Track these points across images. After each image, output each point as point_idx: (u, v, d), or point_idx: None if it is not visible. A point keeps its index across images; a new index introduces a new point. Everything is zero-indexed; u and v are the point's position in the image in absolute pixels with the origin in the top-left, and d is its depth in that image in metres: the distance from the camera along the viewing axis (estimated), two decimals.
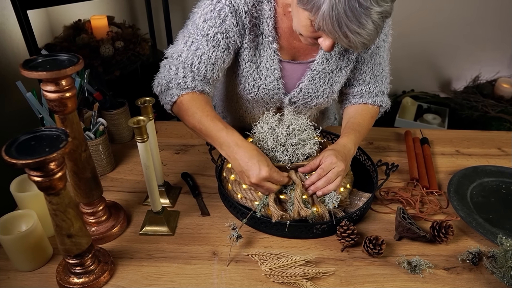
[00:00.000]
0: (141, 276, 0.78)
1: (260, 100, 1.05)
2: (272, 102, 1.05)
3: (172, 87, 0.95)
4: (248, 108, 1.12)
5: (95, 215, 0.86)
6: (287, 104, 1.06)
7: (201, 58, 0.93)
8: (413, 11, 2.36)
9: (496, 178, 1.05)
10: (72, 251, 0.71)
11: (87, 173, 0.80)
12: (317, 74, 1.01)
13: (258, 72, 0.99)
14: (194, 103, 0.92)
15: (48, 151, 0.59)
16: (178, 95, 0.94)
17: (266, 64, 0.98)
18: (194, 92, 0.94)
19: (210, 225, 0.90)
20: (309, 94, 1.03)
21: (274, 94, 1.03)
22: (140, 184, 1.03)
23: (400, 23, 2.36)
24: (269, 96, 1.03)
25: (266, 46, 0.96)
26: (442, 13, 2.35)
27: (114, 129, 1.16)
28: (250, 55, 0.97)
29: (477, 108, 2.23)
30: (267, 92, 1.02)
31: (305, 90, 1.03)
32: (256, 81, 1.00)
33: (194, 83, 0.93)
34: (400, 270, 0.80)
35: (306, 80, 1.01)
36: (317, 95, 1.04)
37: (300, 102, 1.05)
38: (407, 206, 0.96)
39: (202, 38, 0.92)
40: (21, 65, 0.67)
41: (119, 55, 1.89)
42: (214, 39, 0.92)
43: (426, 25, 2.40)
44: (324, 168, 0.85)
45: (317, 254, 0.83)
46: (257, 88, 1.01)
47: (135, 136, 0.76)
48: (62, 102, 0.70)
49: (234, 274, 0.78)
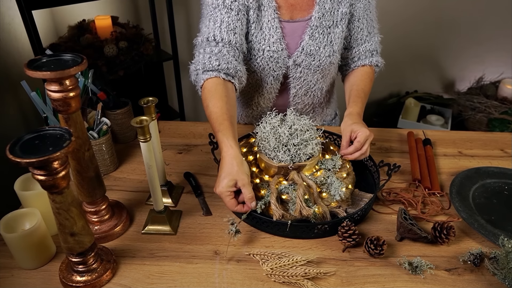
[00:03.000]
0: (143, 275, 0.78)
1: (266, 66, 1.10)
2: (277, 67, 1.11)
3: (199, 71, 1.01)
4: (258, 81, 1.16)
5: (98, 214, 0.87)
6: (292, 68, 1.12)
7: (221, 27, 1.00)
8: (416, 11, 2.35)
9: (498, 180, 1.05)
10: (75, 250, 0.72)
11: (90, 172, 0.81)
12: (316, 30, 1.07)
13: (262, 33, 1.06)
14: (210, 94, 0.96)
15: (51, 150, 0.60)
16: (203, 80, 0.99)
17: (268, 24, 1.05)
18: (218, 77, 0.98)
19: (212, 225, 0.91)
20: (311, 52, 1.09)
21: (278, 57, 1.08)
22: (143, 183, 1.04)
23: (403, 24, 2.37)
24: (274, 60, 1.09)
25: (266, 5, 1.04)
26: (446, 14, 2.34)
27: (118, 128, 1.17)
28: (254, 16, 1.04)
29: (480, 109, 2.22)
30: (271, 55, 1.08)
31: (307, 48, 1.08)
32: (261, 43, 1.07)
33: (218, 60, 0.99)
34: (401, 271, 0.80)
35: (307, 37, 1.07)
36: (319, 53, 1.09)
37: (304, 63, 1.11)
38: (408, 207, 0.96)
39: (215, 10, 1.01)
40: (26, 65, 0.67)
41: (123, 55, 1.90)
42: (225, 6, 1.01)
43: (430, 25, 2.39)
44: (361, 141, 0.94)
45: (318, 254, 0.83)
46: (262, 52, 1.07)
47: (138, 135, 0.77)
48: (66, 102, 0.70)
49: (236, 274, 0.79)
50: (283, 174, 0.91)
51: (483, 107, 2.21)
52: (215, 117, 0.91)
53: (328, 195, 0.89)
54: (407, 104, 2.46)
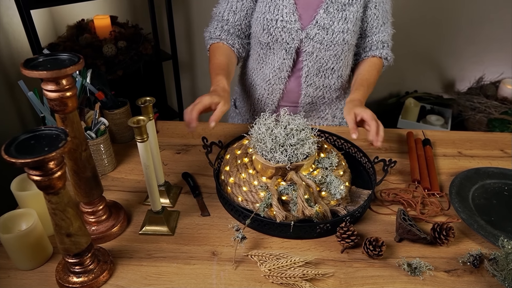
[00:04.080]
0: (140, 276, 0.78)
1: (279, 37, 1.13)
2: (290, 39, 1.13)
3: (207, 38, 1.23)
4: (269, 55, 1.20)
5: (95, 214, 0.86)
6: (304, 42, 1.13)
7: (226, 7, 1.18)
8: (416, 11, 2.35)
9: (498, 180, 1.04)
10: (71, 250, 0.71)
11: (88, 173, 0.80)
12: (331, 5, 1.10)
13: (275, 4, 1.12)
14: (214, 52, 1.17)
15: (47, 150, 0.59)
16: (209, 44, 1.21)
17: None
18: (221, 42, 1.19)
19: (210, 225, 0.90)
20: (324, 26, 1.11)
21: (291, 28, 1.12)
22: (141, 183, 1.03)
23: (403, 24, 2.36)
24: (287, 31, 1.12)
25: None
26: (446, 14, 2.34)
27: (116, 128, 1.16)
28: None
29: (480, 109, 2.21)
30: (284, 25, 1.11)
31: (321, 21, 1.11)
32: (274, 13, 1.12)
33: (222, 33, 1.19)
34: (400, 272, 0.79)
35: (321, 11, 1.10)
36: (332, 28, 1.11)
37: (317, 37, 1.12)
38: (408, 207, 0.96)
39: None
40: (22, 64, 0.67)
41: (122, 55, 1.90)
42: None
43: (430, 25, 2.39)
44: (372, 119, 0.96)
45: (316, 255, 0.82)
46: (275, 22, 1.12)
47: (135, 135, 0.76)
48: (62, 102, 0.70)
49: (233, 275, 0.78)
50: (280, 175, 0.90)
51: (483, 107, 2.21)
52: (216, 66, 1.10)
53: (327, 194, 0.89)
54: (407, 104, 2.46)
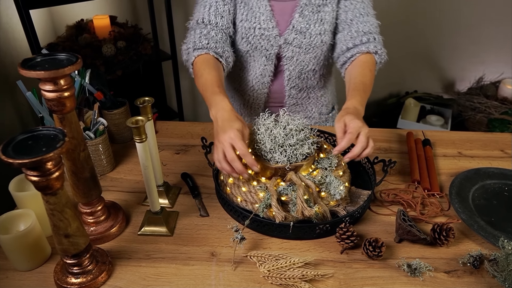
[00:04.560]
0: (139, 277, 0.78)
1: (258, 45, 1.13)
2: (269, 45, 1.14)
3: (190, 50, 1.09)
4: (250, 62, 1.18)
5: (93, 215, 0.86)
6: (283, 47, 1.14)
7: (209, 11, 1.10)
8: (416, 11, 2.34)
9: (498, 181, 1.04)
10: (69, 251, 0.71)
11: (86, 173, 0.80)
12: (306, 8, 1.10)
13: (252, 12, 1.10)
14: (204, 66, 1.02)
15: (45, 150, 0.59)
16: (194, 56, 1.06)
17: (258, 3, 1.10)
18: (208, 53, 1.06)
19: (209, 226, 0.90)
20: (301, 30, 1.11)
21: (269, 35, 1.12)
22: (140, 184, 1.03)
23: (403, 23, 2.36)
24: (266, 38, 1.12)
25: None
26: (446, 14, 2.34)
27: (115, 129, 1.16)
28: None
29: (480, 109, 2.21)
30: (262, 33, 1.11)
31: (297, 25, 1.11)
32: (251, 22, 1.11)
33: (207, 39, 1.07)
34: (400, 273, 0.79)
35: (297, 15, 1.10)
36: (309, 31, 1.11)
37: (296, 41, 1.13)
38: (407, 208, 0.95)
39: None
40: (20, 64, 0.67)
41: (121, 55, 1.89)
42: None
43: (430, 25, 2.39)
44: (353, 131, 0.84)
45: (316, 256, 0.82)
46: (253, 30, 1.11)
47: (134, 136, 0.76)
48: (60, 102, 0.70)
49: (232, 276, 0.78)
50: (280, 175, 0.90)
51: (483, 107, 2.21)
52: (210, 83, 0.96)
53: (327, 194, 0.89)
54: (407, 104, 2.46)
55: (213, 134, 1.22)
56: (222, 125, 0.85)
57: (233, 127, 0.82)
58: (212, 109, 0.92)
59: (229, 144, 0.81)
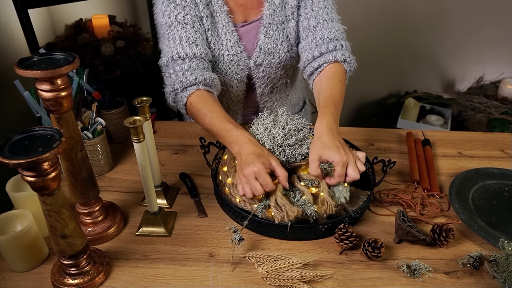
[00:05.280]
0: (136, 278, 0.77)
1: (228, 70, 1.10)
2: (239, 69, 1.11)
3: (178, 91, 0.99)
4: (223, 87, 1.14)
5: (91, 215, 0.85)
6: (254, 69, 1.11)
7: (181, 43, 1.00)
8: (416, 11, 2.34)
9: (498, 181, 1.03)
10: (66, 252, 0.71)
11: (83, 173, 0.79)
12: (270, 27, 1.07)
13: (219, 39, 1.07)
14: (202, 104, 0.96)
15: (41, 151, 0.59)
16: (186, 97, 0.98)
17: (224, 29, 1.06)
18: (199, 89, 0.98)
19: (207, 227, 0.89)
20: (269, 50, 1.09)
21: (239, 60, 1.09)
22: (138, 184, 1.02)
23: (403, 23, 2.35)
24: (235, 63, 1.09)
25: (218, 11, 1.04)
26: (446, 13, 2.33)
27: (113, 128, 1.16)
28: (208, 23, 1.04)
29: (480, 109, 2.21)
30: (232, 59, 1.08)
31: (264, 47, 1.08)
32: (220, 48, 1.07)
33: (193, 74, 0.98)
34: (399, 274, 0.78)
35: (262, 36, 1.08)
36: (277, 50, 1.09)
37: (265, 62, 1.10)
38: (407, 208, 0.95)
39: (170, 28, 1.01)
40: (16, 64, 0.66)
41: (120, 55, 1.89)
42: (178, 22, 1.01)
43: (430, 25, 2.38)
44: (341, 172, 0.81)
45: (315, 256, 0.82)
46: (222, 57, 1.08)
47: (131, 136, 0.75)
48: (57, 101, 0.69)
49: (230, 277, 0.77)
50: None
51: (483, 107, 2.20)
52: (219, 121, 0.91)
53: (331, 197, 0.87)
54: (407, 104, 2.45)
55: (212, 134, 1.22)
56: (248, 159, 0.82)
57: (256, 164, 0.80)
58: (234, 146, 0.87)
59: (253, 178, 0.81)
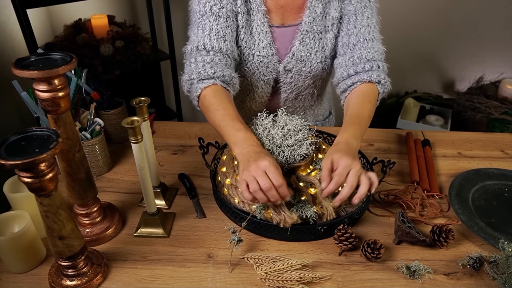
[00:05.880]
0: (134, 279, 0.77)
1: (256, 71, 1.08)
2: (268, 72, 1.08)
3: (194, 81, 0.96)
4: (248, 86, 1.13)
5: (89, 216, 0.85)
6: (282, 73, 1.09)
7: (210, 35, 0.98)
8: (416, 10, 2.34)
9: (498, 181, 1.03)
10: (64, 253, 0.70)
11: (81, 174, 0.79)
12: (307, 35, 1.04)
13: (252, 38, 1.04)
14: (216, 99, 0.92)
15: (38, 151, 0.58)
16: (201, 89, 0.95)
17: (258, 29, 1.03)
18: (216, 84, 0.95)
19: (206, 227, 0.89)
20: (302, 58, 1.06)
21: (268, 62, 1.06)
22: (137, 185, 1.02)
23: (402, 23, 2.35)
24: (264, 65, 1.07)
25: (255, 9, 1.02)
26: (446, 13, 2.33)
27: (112, 129, 1.15)
28: (244, 20, 1.02)
29: (480, 109, 2.20)
30: (261, 60, 1.06)
31: (298, 54, 1.06)
32: (251, 48, 1.04)
33: (213, 68, 0.95)
34: (399, 275, 0.78)
35: (297, 42, 1.05)
36: (310, 59, 1.07)
37: (295, 69, 1.08)
38: (407, 209, 0.94)
39: (203, 17, 0.98)
40: (13, 64, 0.66)
41: (119, 55, 1.88)
42: (212, 13, 0.98)
43: (429, 25, 2.38)
44: (341, 172, 0.78)
45: (314, 258, 0.81)
46: (252, 56, 1.05)
47: (129, 136, 0.75)
48: (54, 102, 0.69)
49: (229, 278, 0.77)
50: None
51: (483, 107, 2.20)
52: (230, 119, 0.88)
53: None
54: (407, 104, 2.44)
55: (211, 134, 1.22)
56: (256, 156, 0.79)
57: (266, 158, 0.78)
58: (236, 147, 0.84)
59: (262, 172, 0.76)
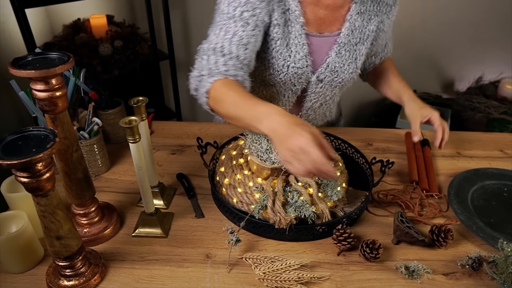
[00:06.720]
0: (132, 279, 0.76)
1: (288, 81, 1.05)
2: (299, 82, 1.06)
3: (204, 76, 0.88)
4: (273, 94, 1.11)
5: (87, 216, 0.85)
6: (314, 83, 1.08)
7: (232, 40, 0.90)
8: (416, 10, 2.33)
9: (497, 181, 1.03)
10: (61, 253, 0.70)
11: (79, 174, 0.78)
12: (343, 47, 1.04)
13: (288, 50, 0.99)
14: (227, 88, 0.85)
15: (34, 151, 0.58)
16: (210, 83, 0.86)
17: (295, 40, 0.99)
18: (227, 77, 0.87)
19: (204, 227, 0.89)
20: (335, 69, 1.06)
21: (302, 73, 1.04)
22: (135, 185, 1.02)
23: (402, 23, 2.34)
24: (298, 76, 1.04)
25: (294, 21, 0.97)
26: (446, 13, 2.32)
27: (110, 129, 1.15)
28: (280, 32, 0.97)
29: (480, 109, 2.20)
30: (296, 71, 1.02)
31: (332, 65, 1.05)
32: (286, 60, 1.00)
33: (226, 66, 0.88)
34: (398, 275, 0.78)
35: (333, 54, 1.04)
36: (343, 70, 1.06)
37: (327, 79, 1.07)
38: (405, 209, 0.94)
39: (229, 20, 0.91)
40: (10, 63, 0.66)
41: (118, 55, 1.88)
42: (241, 19, 0.91)
43: (429, 25, 2.37)
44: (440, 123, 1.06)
45: (312, 258, 0.81)
46: (287, 68, 1.01)
47: (127, 136, 0.75)
48: (52, 101, 0.68)
49: (227, 278, 0.77)
50: (276, 176, 0.89)
51: (482, 107, 2.19)
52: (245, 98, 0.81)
53: (324, 195, 0.87)
54: None
55: (210, 134, 1.22)
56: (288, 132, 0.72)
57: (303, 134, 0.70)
58: (264, 121, 0.76)
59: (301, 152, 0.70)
